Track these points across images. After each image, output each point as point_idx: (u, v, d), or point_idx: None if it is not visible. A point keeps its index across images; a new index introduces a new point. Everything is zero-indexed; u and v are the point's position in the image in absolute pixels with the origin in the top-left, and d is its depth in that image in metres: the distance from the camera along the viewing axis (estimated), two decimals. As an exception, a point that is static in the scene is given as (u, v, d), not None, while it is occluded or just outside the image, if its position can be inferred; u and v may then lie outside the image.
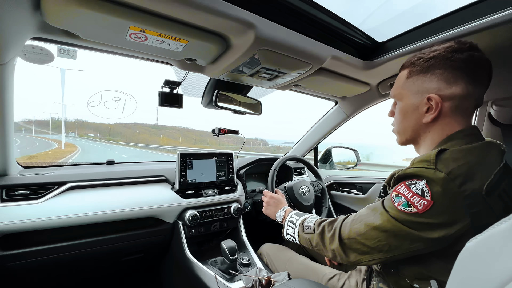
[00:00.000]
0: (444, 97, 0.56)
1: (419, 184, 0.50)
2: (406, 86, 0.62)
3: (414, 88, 0.60)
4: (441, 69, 0.56)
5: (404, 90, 0.63)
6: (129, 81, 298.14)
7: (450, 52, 0.55)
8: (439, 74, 0.56)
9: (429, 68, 0.57)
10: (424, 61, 0.58)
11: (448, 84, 0.55)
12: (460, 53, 0.55)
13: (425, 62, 0.58)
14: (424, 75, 0.58)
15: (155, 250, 1.16)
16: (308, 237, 0.69)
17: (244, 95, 1.27)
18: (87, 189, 0.96)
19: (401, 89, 0.63)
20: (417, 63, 0.59)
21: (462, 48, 0.55)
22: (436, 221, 0.48)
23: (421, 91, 0.59)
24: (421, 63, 0.59)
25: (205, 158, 1.21)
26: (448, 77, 0.55)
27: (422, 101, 0.58)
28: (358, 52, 0.95)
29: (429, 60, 0.57)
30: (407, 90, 0.62)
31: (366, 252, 0.56)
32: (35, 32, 0.71)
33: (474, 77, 0.55)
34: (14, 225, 0.78)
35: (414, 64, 0.60)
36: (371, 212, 0.57)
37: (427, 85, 0.58)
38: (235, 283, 0.91)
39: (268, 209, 0.95)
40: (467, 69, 0.54)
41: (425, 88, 0.58)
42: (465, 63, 0.54)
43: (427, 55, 0.58)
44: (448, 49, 0.56)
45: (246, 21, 0.66)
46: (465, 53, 0.54)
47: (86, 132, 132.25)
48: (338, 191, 1.74)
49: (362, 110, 1.48)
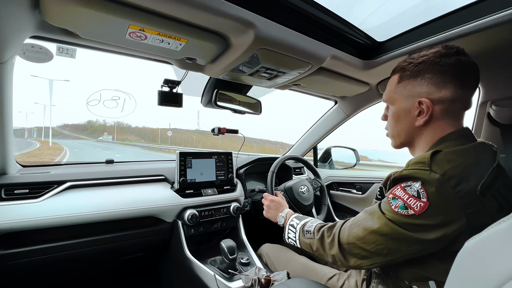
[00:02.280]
0: (435, 100, 0.57)
1: (414, 186, 0.50)
2: (397, 90, 0.63)
3: (405, 93, 0.61)
4: (430, 74, 0.57)
5: (396, 94, 0.64)
6: (129, 81, 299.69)
7: (438, 57, 0.57)
8: (428, 79, 0.58)
9: (419, 73, 0.59)
10: (414, 66, 0.59)
11: (438, 88, 0.57)
12: (447, 57, 0.56)
13: (415, 67, 0.59)
14: (415, 79, 0.60)
15: (155, 250, 1.16)
16: (308, 242, 0.70)
17: (244, 94, 1.27)
18: (86, 188, 0.96)
19: (393, 94, 0.65)
20: (407, 68, 0.61)
21: (450, 52, 0.57)
22: (432, 222, 0.48)
23: (412, 95, 0.60)
24: (411, 67, 0.60)
25: (204, 158, 1.21)
26: (438, 81, 0.57)
27: (414, 105, 0.60)
28: (358, 51, 0.95)
29: (418, 65, 0.59)
30: (399, 94, 0.63)
31: (366, 256, 0.56)
32: (34, 30, 0.71)
33: (462, 80, 0.56)
34: (13, 224, 0.78)
35: (404, 69, 0.61)
36: (368, 216, 0.58)
37: (418, 89, 0.59)
38: (235, 282, 0.91)
39: (269, 213, 0.95)
40: (455, 73, 0.56)
41: (416, 92, 0.59)
42: (453, 67, 0.56)
43: (417, 60, 0.59)
44: (436, 54, 0.57)
45: (245, 20, 0.66)
46: (453, 57, 0.56)
47: (126, 136, 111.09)
48: (337, 191, 1.74)
49: (361, 110, 1.48)
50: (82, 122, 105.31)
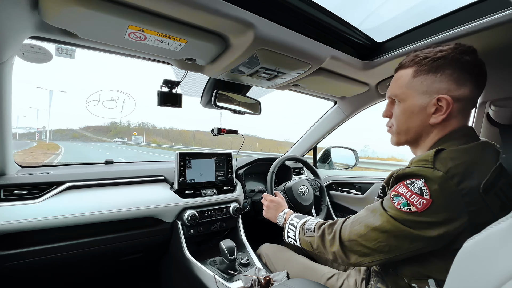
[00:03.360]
0: (454, 98, 0.55)
1: (417, 183, 0.50)
2: (412, 85, 0.60)
3: (422, 88, 0.58)
4: (451, 70, 0.55)
5: (410, 90, 0.60)
6: (128, 81, 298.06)
7: (458, 53, 0.55)
8: (448, 75, 0.55)
9: (438, 68, 0.56)
10: (432, 61, 0.57)
11: (458, 86, 0.55)
12: (467, 55, 0.55)
13: (433, 62, 0.57)
14: (434, 74, 0.57)
15: (154, 250, 1.16)
16: (309, 240, 0.69)
17: (243, 94, 1.27)
18: (85, 189, 0.95)
19: (405, 89, 0.61)
20: (424, 62, 0.58)
21: (468, 50, 0.55)
22: (435, 220, 0.48)
23: (430, 91, 0.57)
24: (429, 62, 0.57)
25: (204, 158, 1.21)
26: (458, 78, 0.55)
27: (431, 101, 0.57)
28: (357, 52, 0.95)
29: (437, 60, 0.56)
30: (413, 90, 0.59)
31: (367, 253, 0.56)
32: (33, 31, 0.71)
33: (479, 80, 0.56)
34: (12, 225, 0.78)
35: (421, 63, 0.58)
36: (370, 213, 0.58)
37: (437, 85, 0.56)
38: (234, 283, 0.91)
39: (269, 213, 0.95)
40: (474, 72, 0.55)
41: (435, 88, 0.57)
42: (473, 65, 0.55)
43: (434, 54, 0.57)
44: (456, 50, 0.55)
45: (245, 20, 0.66)
46: (471, 55, 0.55)
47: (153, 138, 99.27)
48: (337, 191, 1.74)
49: (361, 110, 1.49)
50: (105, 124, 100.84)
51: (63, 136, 67.05)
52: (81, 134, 74.66)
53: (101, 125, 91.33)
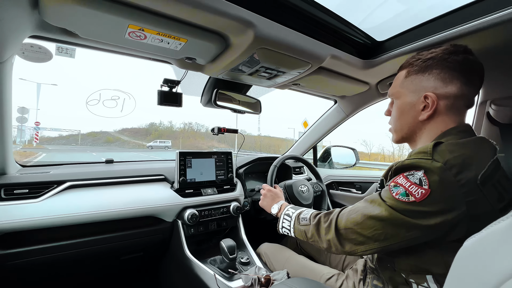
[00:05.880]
0: (440, 95, 0.59)
1: (417, 174, 0.52)
2: (404, 85, 0.65)
3: (411, 87, 0.63)
4: (438, 69, 0.59)
5: (402, 89, 0.66)
6: (129, 81, 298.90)
7: (447, 53, 0.59)
8: (436, 74, 0.59)
9: (426, 68, 0.61)
10: (422, 62, 0.61)
11: (444, 84, 0.58)
12: (456, 55, 0.58)
13: (423, 62, 0.61)
14: (422, 74, 0.62)
15: (154, 249, 1.16)
16: (303, 228, 0.70)
17: (244, 94, 1.27)
18: (86, 188, 0.96)
19: (399, 88, 0.66)
20: (415, 63, 0.63)
21: (458, 50, 0.59)
22: (433, 209, 0.49)
23: (418, 89, 0.62)
24: (419, 63, 0.62)
25: (204, 157, 1.21)
26: (445, 77, 0.58)
27: (419, 99, 0.61)
28: (358, 51, 0.95)
29: (427, 61, 0.61)
30: (405, 88, 0.65)
31: (362, 242, 0.56)
32: (33, 30, 0.71)
33: (468, 78, 0.58)
34: (13, 224, 0.78)
35: (412, 64, 0.64)
36: (368, 203, 0.58)
37: (424, 83, 0.61)
38: (235, 282, 0.91)
39: (264, 201, 0.96)
40: (462, 71, 0.58)
41: (422, 86, 0.61)
42: (461, 64, 0.58)
43: (425, 56, 0.62)
44: (445, 51, 0.59)
45: (245, 20, 0.66)
46: (461, 55, 0.58)
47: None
48: (337, 190, 1.74)
49: (361, 109, 1.48)
50: (143, 126, 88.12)
51: (95, 140, 61.16)
52: (116, 137, 67.50)
53: (138, 127, 79.08)
